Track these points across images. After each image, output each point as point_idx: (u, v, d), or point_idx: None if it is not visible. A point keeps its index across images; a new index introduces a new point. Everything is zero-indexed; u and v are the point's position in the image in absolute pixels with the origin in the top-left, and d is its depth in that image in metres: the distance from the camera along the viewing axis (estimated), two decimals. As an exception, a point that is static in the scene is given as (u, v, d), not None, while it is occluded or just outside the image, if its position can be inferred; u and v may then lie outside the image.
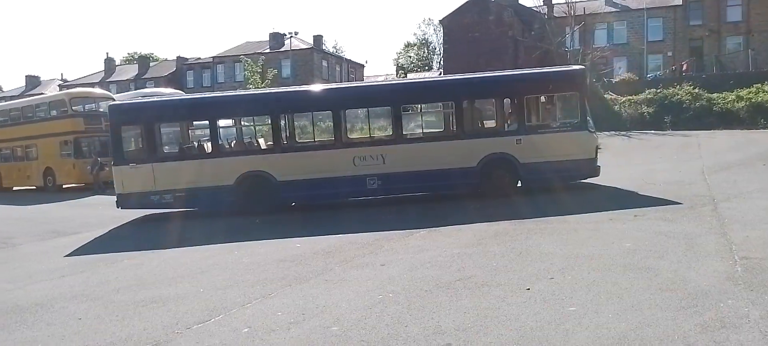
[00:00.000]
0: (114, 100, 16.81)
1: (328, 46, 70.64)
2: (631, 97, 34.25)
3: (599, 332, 4.66)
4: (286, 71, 52.09)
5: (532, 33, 41.41)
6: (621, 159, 20.16)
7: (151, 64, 66.51)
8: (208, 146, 13.48)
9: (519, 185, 12.99)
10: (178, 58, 62.87)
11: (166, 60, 67.75)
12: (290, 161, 12.96)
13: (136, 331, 5.53)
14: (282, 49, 55.44)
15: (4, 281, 8.35)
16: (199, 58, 62.86)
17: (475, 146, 12.78)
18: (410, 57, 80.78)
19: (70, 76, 69.20)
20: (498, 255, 7.49)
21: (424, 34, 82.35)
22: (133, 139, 13.71)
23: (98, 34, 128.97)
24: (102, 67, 66.09)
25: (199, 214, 12.85)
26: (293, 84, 40.76)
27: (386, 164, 12.70)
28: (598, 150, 13.38)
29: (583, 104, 12.84)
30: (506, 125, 13.21)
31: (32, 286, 7.92)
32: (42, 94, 44.55)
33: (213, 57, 60.80)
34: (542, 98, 13.36)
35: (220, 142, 13.46)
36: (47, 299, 7.06)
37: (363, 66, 67.92)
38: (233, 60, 56.80)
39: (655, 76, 39.63)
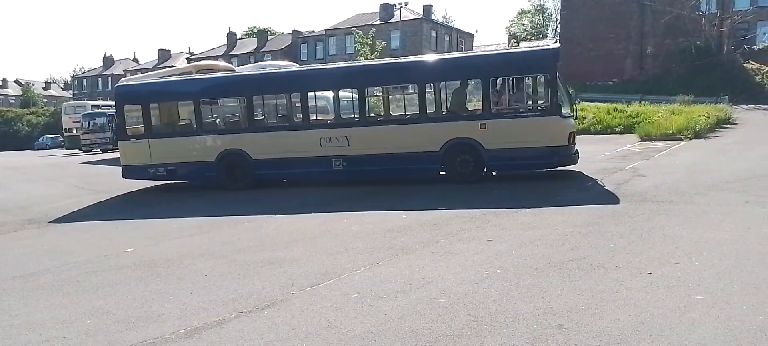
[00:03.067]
0: (234, 71, 17.79)
1: (438, 15, 69.91)
2: (777, 67, 30.63)
3: (730, 324, 4.25)
4: (395, 43, 52.39)
5: (661, -5, 38.06)
6: (762, 135, 18.17)
7: (269, 37, 69.82)
8: (194, 125, 14.36)
9: (485, 171, 12.33)
10: (294, 31, 65.42)
11: (282, 34, 70.77)
12: (263, 140, 13.64)
13: (256, 289, 5.91)
14: (391, 21, 55.74)
15: (143, 238, 9.27)
16: (313, 32, 64.99)
17: (437, 130, 12.38)
18: (523, 25, 77.77)
19: (196, 50, 74.80)
20: (616, 236, 7.07)
21: (540, 0, 78.79)
22: (133, 117, 14.88)
23: (222, 10, 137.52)
24: (225, 41, 70.57)
25: (307, 183, 13.34)
26: (402, 55, 40.86)
27: (351, 146, 12.89)
28: (574, 136, 12.15)
29: (554, 87, 11.64)
30: (470, 109, 12.62)
31: (165, 243, 8.72)
32: (172, 66, 48.45)
33: (325, 30, 62.56)
34: (509, 81, 12.29)
35: (203, 121, 14.37)
36: (178, 255, 7.75)
37: (473, 35, 66.61)
38: (344, 32, 58.10)
39: (808, 42, 35.03)
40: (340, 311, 5.09)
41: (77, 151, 35.05)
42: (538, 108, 12.05)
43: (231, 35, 70.74)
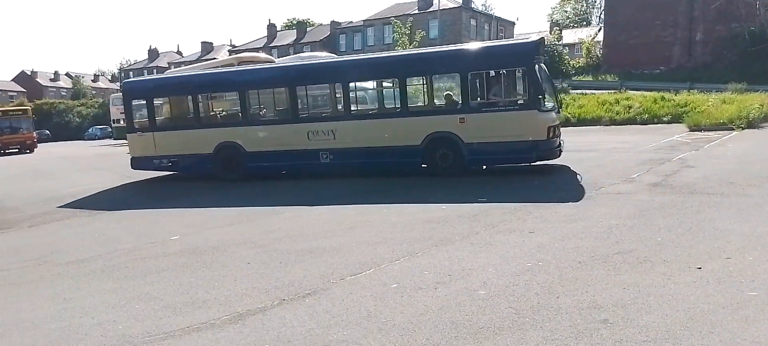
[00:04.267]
0: (274, 63, 18.00)
1: (477, 3, 68.96)
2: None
3: (787, 323, 4.07)
4: (434, 32, 51.85)
5: (712, -22, 36.54)
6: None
7: (308, 29, 70.30)
8: (193, 118, 15.02)
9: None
10: (332, 22, 65.65)
11: (321, 25, 71.14)
12: (255, 134, 14.18)
13: (297, 278, 5.99)
14: (430, 10, 55.25)
15: (187, 226, 9.51)
16: (351, 22, 65.05)
17: (418, 124, 12.50)
18: (566, 12, 76.00)
19: (237, 42, 75.93)
20: (663, 229, 6.86)
21: (584, -14, 76.96)
22: (140, 111, 15.74)
23: (262, 2, 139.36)
24: (265, 33, 71.39)
25: (345, 174, 13.38)
26: (439, 44, 40.53)
27: (336, 140, 13.19)
28: (555, 130, 11.96)
29: (533, 81, 11.46)
30: (450, 103, 12.67)
31: (208, 231, 8.92)
32: (214, 58, 49.34)
33: (363, 20, 62.49)
34: (488, 75, 12.08)
35: (201, 115, 15.05)
36: (221, 243, 7.92)
37: (513, 23, 65.38)
38: (383, 22, 57.92)
39: None
40: (380, 300, 5.11)
41: (125, 141, 36.11)
42: (517, 102, 11.86)
43: (271, 27, 71.52)
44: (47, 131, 54.38)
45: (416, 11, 56.13)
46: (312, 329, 4.58)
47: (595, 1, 75.10)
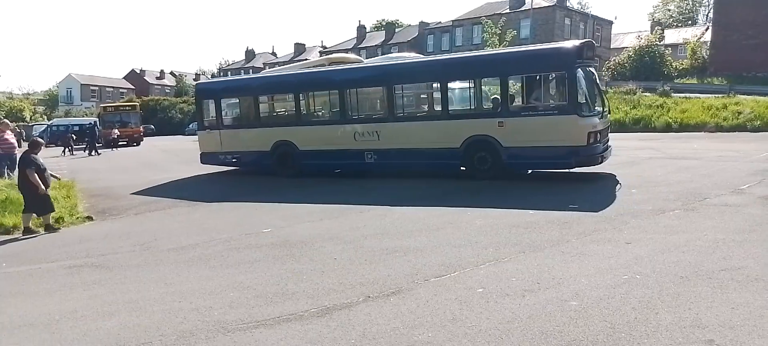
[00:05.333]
0: (362, 63, 18.35)
1: (573, 1, 66.46)
2: None
3: None
4: (525, 32, 50.48)
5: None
6: None
7: (396, 30, 70.92)
8: (253, 118, 15.94)
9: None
10: (420, 23, 65.75)
11: (409, 26, 71.51)
12: (307, 133, 14.88)
13: (382, 276, 6.04)
14: (522, 9, 53.88)
15: (278, 219, 9.87)
16: (440, 22, 64.81)
17: (457, 127, 12.68)
18: (669, 10, 71.51)
19: (328, 43, 78.00)
20: (778, 246, 6.27)
21: (689, -17, 72.24)
22: (209, 111, 16.91)
23: (353, 3, 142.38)
24: (354, 35, 72.79)
25: (426, 175, 13.32)
26: (532, 44, 39.38)
27: (380, 141, 13.66)
28: (596, 136, 11.30)
29: (573, 86, 11.14)
30: (489, 107, 12.54)
31: (297, 226, 9.22)
32: (306, 59, 50.99)
33: (452, 21, 62.04)
34: (528, 79, 12.10)
35: (261, 115, 15.94)
36: (309, 237, 8.15)
37: (611, 23, 62.35)
38: (472, 22, 57.24)
39: None
40: (465, 304, 5.03)
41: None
42: (556, 107, 11.54)
43: (360, 28, 72.77)
44: (152, 126, 58.31)
45: (507, 10, 54.89)
46: (397, 328, 4.60)
47: (702, 0, 70.19)
